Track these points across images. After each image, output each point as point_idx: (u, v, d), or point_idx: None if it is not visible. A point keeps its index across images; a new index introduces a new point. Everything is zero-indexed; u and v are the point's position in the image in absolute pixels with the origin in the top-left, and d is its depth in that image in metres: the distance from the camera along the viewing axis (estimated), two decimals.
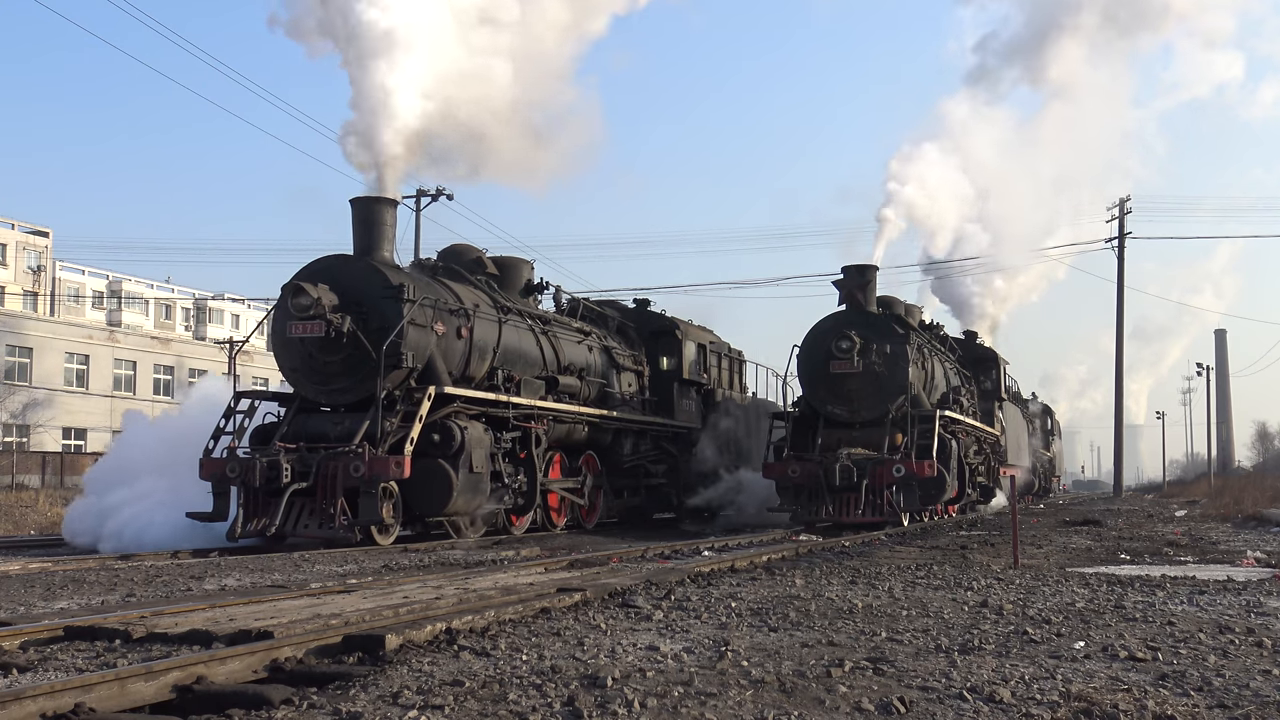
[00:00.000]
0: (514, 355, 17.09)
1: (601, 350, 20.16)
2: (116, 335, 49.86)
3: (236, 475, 13.94)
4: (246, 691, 4.69)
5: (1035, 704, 4.47)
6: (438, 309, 15.41)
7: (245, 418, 15.24)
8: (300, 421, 14.97)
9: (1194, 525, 20.78)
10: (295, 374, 15.22)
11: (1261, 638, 6.11)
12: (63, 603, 8.21)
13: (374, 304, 14.63)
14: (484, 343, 16.40)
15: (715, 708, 4.40)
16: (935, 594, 8.28)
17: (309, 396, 15.29)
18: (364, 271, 14.90)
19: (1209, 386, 74.29)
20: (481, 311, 16.49)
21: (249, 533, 13.85)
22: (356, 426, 14.14)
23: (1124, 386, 46.61)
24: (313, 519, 13.76)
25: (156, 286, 75.72)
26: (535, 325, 18.06)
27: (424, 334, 15.02)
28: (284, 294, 14.72)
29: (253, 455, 14.16)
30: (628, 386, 20.90)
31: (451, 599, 7.60)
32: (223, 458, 14.30)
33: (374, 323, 14.52)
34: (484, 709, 4.38)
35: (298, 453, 13.98)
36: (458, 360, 15.81)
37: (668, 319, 22.72)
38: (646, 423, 21.05)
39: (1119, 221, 45.09)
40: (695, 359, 23.07)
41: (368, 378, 14.47)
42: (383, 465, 13.61)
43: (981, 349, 28.99)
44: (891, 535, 16.98)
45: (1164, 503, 40.41)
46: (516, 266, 19.33)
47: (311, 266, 15.12)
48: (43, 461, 34.17)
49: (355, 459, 13.59)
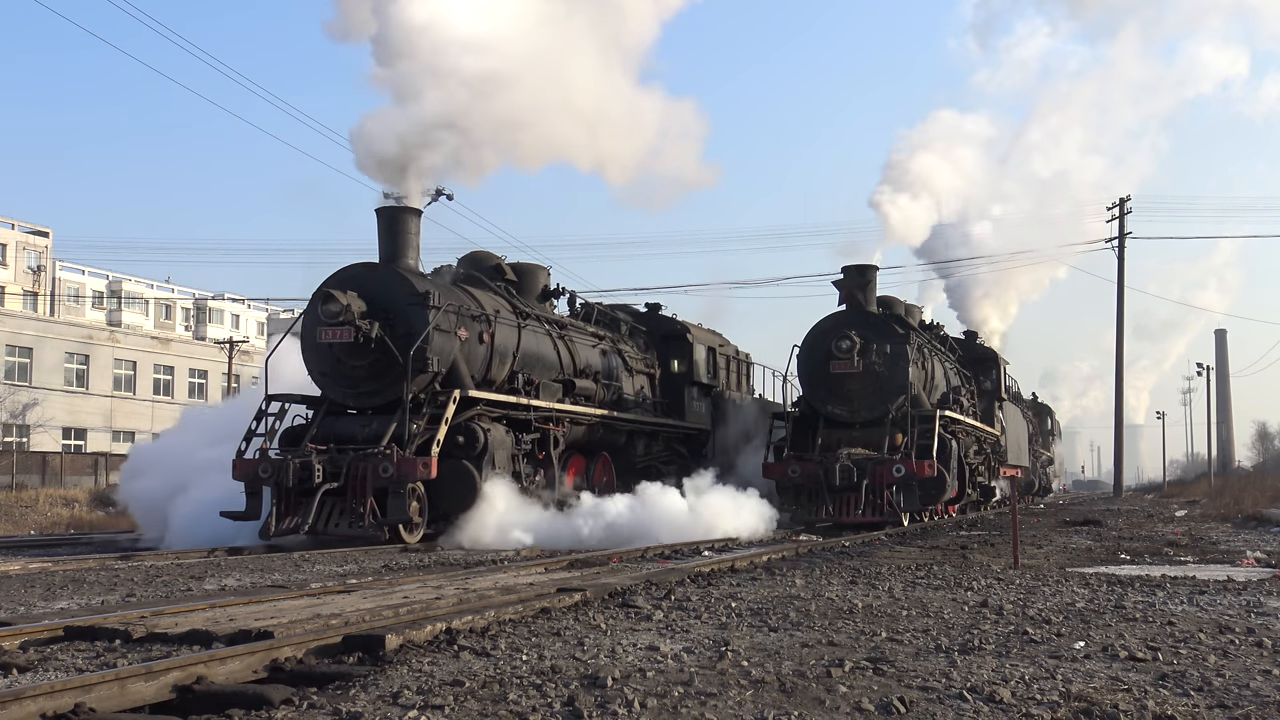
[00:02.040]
0: (533, 359, 17.60)
1: (615, 354, 20.59)
2: (116, 335, 49.86)
3: (269, 475, 14.35)
4: (246, 691, 4.68)
5: (1035, 704, 4.47)
6: (461, 315, 15.86)
7: (276, 420, 15.69)
8: (329, 424, 15.44)
9: (1194, 525, 20.78)
10: (324, 378, 15.66)
11: (1261, 638, 6.11)
12: (63, 603, 8.21)
13: (400, 310, 15.07)
14: (504, 347, 16.88)
15: (715, 708, 4.40)
16: (935, 594, 8.28)
17: (337, 399, 15.71)
18: (391, 279, 15.32)
19: (1209, 386, 74.36)
20: (502, 317, 16.97)
21: (282, 531, 14.25)
22: (384, 429, 14.61)
23: (1127, 385, 46.60)
24: (343, 518, 14.18)
25: (156, 286, 75.71)
26: (552, 330, 18.54)
27: (448, 339, 15.50)
28: (314, 300, 15.19)
29: (284, 456, 14.51)
30: (640, 389, 21.32)
31: (451, 599, 7.60)
32: (255, 459, 14.72)
33: (400, 328, 14.99)
34: (484, 709, 4.38)
35: (329, 454, 14.43)
36: (480, 364, 16.33)
37: (678, 323, 23.18)
38: (659, 424, 21.43)
39: (1119, 221, 45.07)
40: (705, 362, 23.50)
41: (394, 381, 14.95)
42: (411, 466, 14.10)
43: (981, 349, 28.99)
44: (891, 535, 16.98)
45: (1164, 503, 40.43)
46: (534, 273, 19.85)
47: (340, 274, 15.50)
48: (43, 461, 34.16)
49: (384, 460, 14.06)
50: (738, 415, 24.33)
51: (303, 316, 16.03)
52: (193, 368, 51.91)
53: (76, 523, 25.15)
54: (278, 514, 14.26)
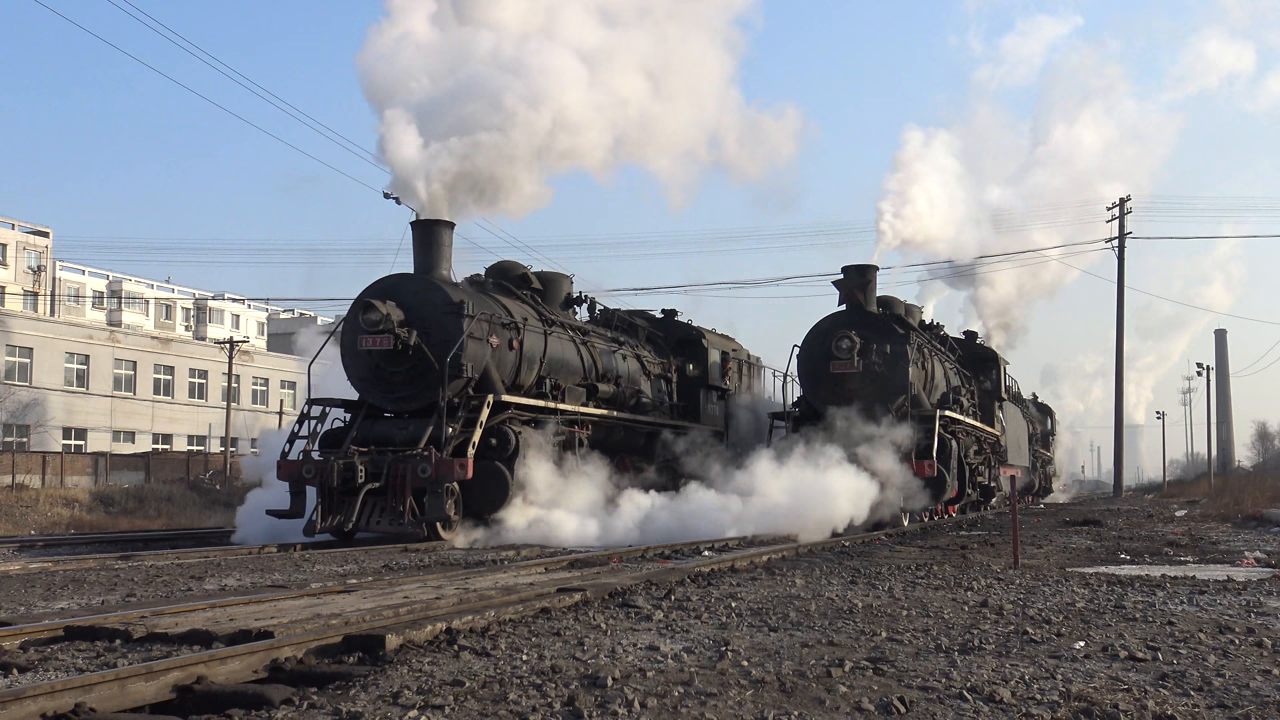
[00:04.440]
0: (558, 364, 18.43)
1: (634, 358, 21.40)
2: (116, 335, 49.81)
3: (312, 475, 15.16)
4: (246, 691, 4.69)
5: (1035, 704, 4.47)
6: (492, 323, 16.68)
7: (318, 423, 16.50)
8: (367, 426, 16.24)
9: (1194, 525, 20.79)
10: (363, 383, 16.48)
11: (1261, 638, 6.11)
12: (63, 603, 8.21)
13: (437, 319, 15.89)
14: (532, 353, 17.70)
15: (715, 708, 4.40)
16: (935, 594, 8.28)
17: (375, 403, 16.52)
18: (427, 289, 16.17)
19: (1209, 386, 74.24)
20: (529, 324, 17.80)
21: (326, 528, 15.04)
22: (420, 431, 15.37)
23: (1130, 381, 46.59)
24: (384, 516, 14.97)
25: (156, 286, 75.63)
26: (576, 336, 19.38)
27: (481, 346, 16.31)
28: (354, 309, 16.10)
29: (328, 458, 15.26)
30: (657, 392, 22.13)
31: (451, 599, 7.60)
32: (299, 460, 15.58)
33: (436, 336, 15.80)
34: (484, 709, 4.38)
35: (370, 455, 15.17)
36: (509, 370, 17.12)
37: (694, 328, 24.02)
38: (676, 426, 22.00)
39: (1119, 221, 45.02)
40: (719, 365, 24.29)
41: (430, 386, 15.73)
42: (448, 467, 14.89)
43: (981, 349, 28.99)
44: (891, 535, 16.98)
45: (1164, 503, 40.44)
46: (558, 281, 20.71)
47: (379, 284, 16.38)
48: (43, 461, 34.13)
49: (423, 461, 14.82)
50: (750, 417, 24.90)
51: (342, 324, 16.79)
52: (193, 368, 51.85)
53: (76, 523, 25.15)
54: (323, 512, 15.03)
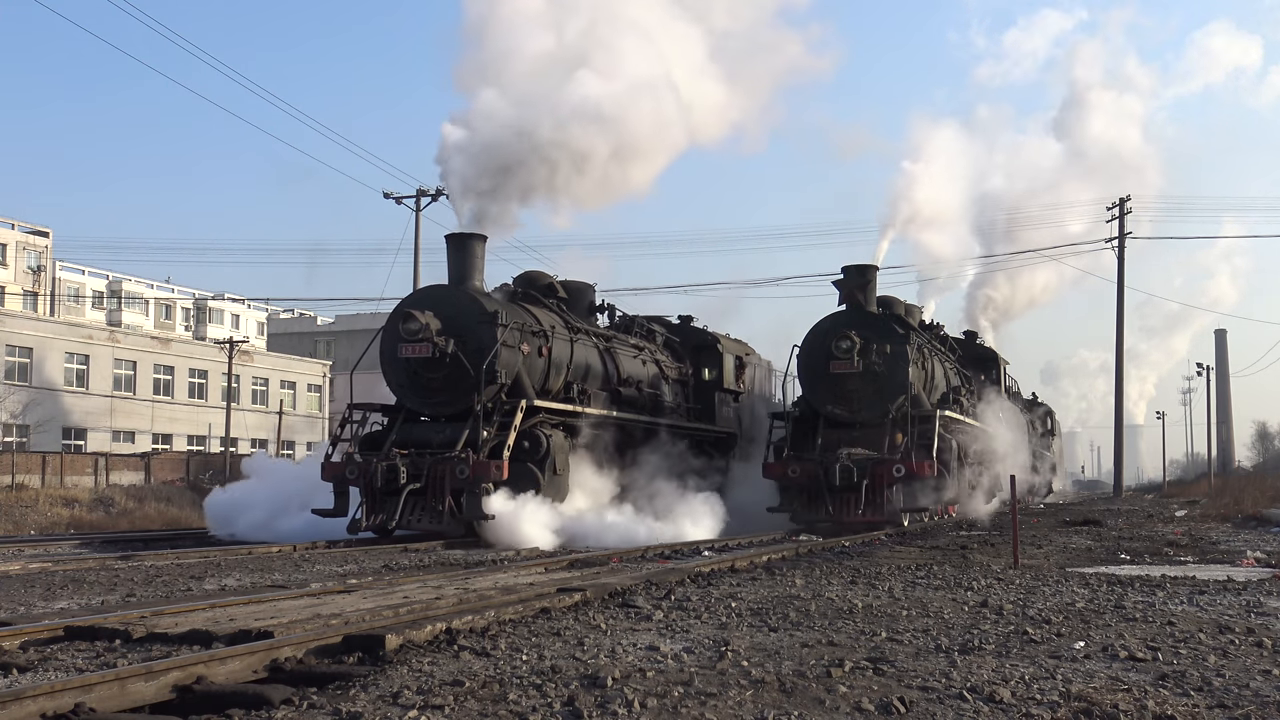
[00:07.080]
0: (584, 370, 19.15)
1: (653, 363, 21.92)
2: (116, 335, 49.77)
3: (355, 476, 15.91)
4: (246, 691, 4.69)
5: (1035, 704, 4.47)
6: (524, 331, 17.35)
7: (359, 426, 17.33)
8: (406, 430, 16.95)
9: (1194, 525, 20.77)
10: (402, 389, 17.20)
11: (1261, 638, 6.11)
12: (63, 603, 8.21)
13: (472, 328, 16.63)
14: (560, 360, 18.34)
15: (715, 708, 4.39)
16: (935, 594, 8.28)
17: (414, 408, 17.27)
18: (463, 299, 16.94)
19: (1209, 386, 74.24)
20: (557, 332, 18.44)
21: (371, 526, 15.77)
22: (457, 434, 16.08)
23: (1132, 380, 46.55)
24: (424, 514, 15.67)
25: (156, 286, 75.63)
26: (599, 343, 20.01)
27: (513, 353, 17.00)
28: (393, 319, 16.89)
29: (370, 460, 15.94)
30: (675, 396, 22.62)
31: (451, 599, 7.60)
32: (342, 461, 16.31)
33: (472, 344, 16.52)
34: (484, 709, 4.38)
35: (410, 457, 15.86)
36: (539, 376, 17.82)
37: (709, 334, 24.54)
38: (693, 429, 22.42)
39: (1119, 221, 44.99)
40: (733, 370, 24.78)
41: (466, 392, 16.43)
42: (484, 468, 15.55)
43: (981, 349, 28.97)
44: (891, 535, 16.99)
45: (1164, 503, 40.40)
46: (582, 290, 21.31)
47: (416, 295, 17.44)
48: (43, 461, 34.09)
49: (461, 463, 15.52)
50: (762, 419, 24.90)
51: (380, 334, 17.48)
52: (193, 368, 51.79)
53: (76, 523, 25.14)
54: (366, 511, 15.75)
